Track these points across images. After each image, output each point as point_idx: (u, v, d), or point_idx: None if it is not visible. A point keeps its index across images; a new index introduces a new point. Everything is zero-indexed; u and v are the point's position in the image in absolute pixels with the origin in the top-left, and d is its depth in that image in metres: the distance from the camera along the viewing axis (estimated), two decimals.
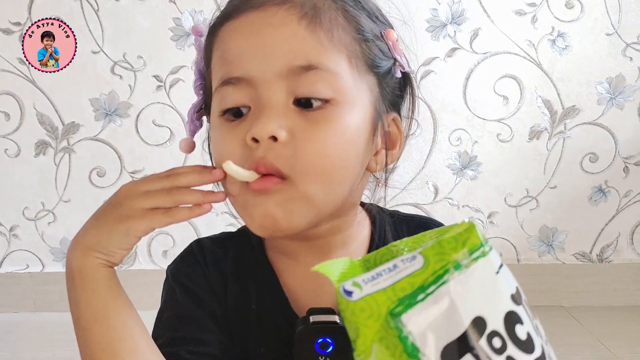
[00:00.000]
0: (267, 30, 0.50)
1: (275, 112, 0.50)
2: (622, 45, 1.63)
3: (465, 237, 0.38)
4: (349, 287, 0.37)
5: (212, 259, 0.63)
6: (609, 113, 1.67)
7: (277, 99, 0.50)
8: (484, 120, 1.68)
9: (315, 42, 0.50)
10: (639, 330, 1.61)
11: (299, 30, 0.50)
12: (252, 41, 0.51)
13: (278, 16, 0.50)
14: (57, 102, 1.66)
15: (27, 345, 1.58)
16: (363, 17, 0.54)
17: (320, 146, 0.50)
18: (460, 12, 1.61)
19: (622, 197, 1.72)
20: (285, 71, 0.50)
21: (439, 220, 1.77)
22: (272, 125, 0.49)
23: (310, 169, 0.50)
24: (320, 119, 0.50)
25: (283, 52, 0.50)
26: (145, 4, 1.61)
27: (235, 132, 0.51)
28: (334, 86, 0.50)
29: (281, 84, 0.50)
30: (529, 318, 0.38)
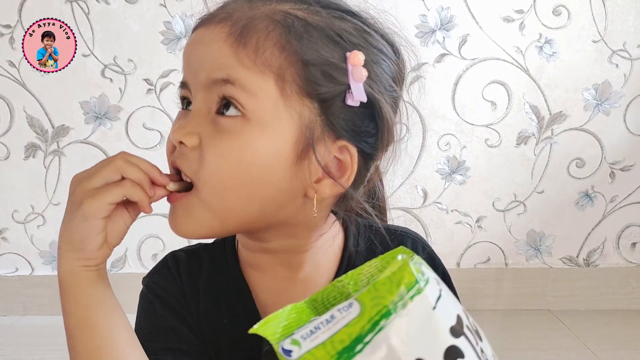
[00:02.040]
0: (200, 46, 0.54)
1: (194, 119, 0.54)
2: (608, 52, 1.65)
3: (399, 277, 0.37)
4: (287, 347, 0.37)
5: (187, 273, 0.64)
6: (595, 119, 1.68)
7: (199, 107, 0.54)
8: (472, 125, 1.69)
9: (235, 61, 0.51)
10: (625, 333, 1.62)
11: (223, 46, 0.52)
12: (191, 53, 0.55)
13: (214, 33, 0.53)
14: (47, 105, 1.66)
15: (17, 348, 1.57)
16: (316, 38, 0.52)
17: (220, 157, 0.52)
18: (449, 18, 1.62)
19: (609, 202, 1.74)
20: (208, 82, 0.53)
21: (427, 224, 1.78)
22: (182, 131, 0.53)
23: (209, 178, 0.52)
24: (227, 130, 0.52)
25: (208, 66, 0.53)
26: (136, 8, 1.61)
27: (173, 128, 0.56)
28: (247, 104, 0.51)
29: (205, 94, 0.54)
30: (472, 346, 0.37)
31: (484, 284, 1.77)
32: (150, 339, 0.59)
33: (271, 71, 0.51)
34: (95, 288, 0.52)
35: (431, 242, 1.74)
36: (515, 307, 1.77)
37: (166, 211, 1.80)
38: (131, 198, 0.52)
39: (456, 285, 1.92)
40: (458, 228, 1.76)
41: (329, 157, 0.54)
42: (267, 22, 0.52)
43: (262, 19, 0.52)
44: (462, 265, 1.77)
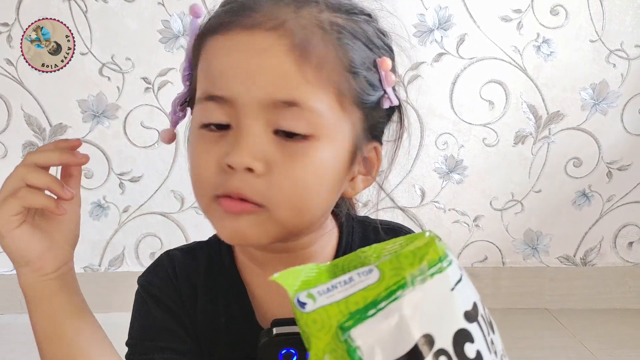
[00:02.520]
0: (254, 55, 0.49)
1: (253, 140, 0.49)
2: (605, 52, 1.66)
3: (424, 252, 0.37)
4: (303, 299, 0.37)
5: (182, 272, 0.63)
6: (592, 118, 1.70)
7: (256, 127, 0.50)
8: (470, 124, 1.70)
9: (300, 78, 0.49)
10: (621, 332, 1.63)
11: (286, 62, 0.49)
12: (238, 63, 0.49)
13: (267, 42, 0.49)
14: (45, 104, 1.66)
15: (14, 346, 1.57)
16: (358, 46, 0.52)
17: (296, 181, 0.50)
18: (447, 17, 1.63)
19: (606, 201, 1.75)
20: (268, 102, 0.49)
21: (425, 223, 1.79)
22: (249, 156, 0.49)
23: (284, 201, 0.51)
24: (297, 153, 0.50)
25: (267, 82, 0.49)
26: (134, 6, 1.61)
27: (213, 150, 0.51)
28: (314, 123, 0.50)
29: (261, 113, 0.49)
30: (483, 334, 0.38)
31: (482, 283, 1.78)
32: (144, 338, 0.60)
33: (332, 86, 0.50)
34: (57, 297, 0.52)
35: None
36: (512, 306, 1.78)
37: (163, 210, 1.79)
38: (33, 206, 0.51)
39: None
40: (455, 227, 1.77)
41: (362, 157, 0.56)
42: (321, 33, 0.50)
43: (315, 29, 0.50)
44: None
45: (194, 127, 0.53)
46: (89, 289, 1.94)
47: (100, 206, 1.72)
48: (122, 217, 1.73)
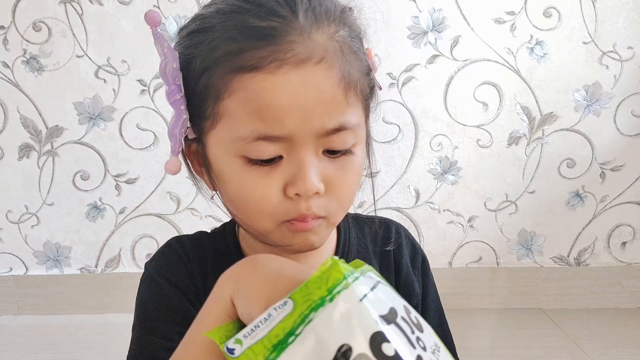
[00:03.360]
0: (310, 93, 0.50)
1: (314, 168, 0.52)
2: (598, 53, 1.66)
3: (328, 275, 0.39)
4: (231, 345, 0.39)
5: (194, 255, 0.64)
6: (585, 120, 1.70)
7: (311, 155, 0.52)
8: (464, 126, 1.70)
9: (347, 104, 0.52)
10: (615, 332, 1.64)
11: (337, 93, 0.51)
12: (295, 103, 0.50)
13: (318, 78, 0.50)
14: (41, 106, 1.66)
15: (10, 348, 1.57)
16: (360, 46, 0.55)
17: (348, 189, 0.56)
18: (441, 19, 1.64)
19: (599, 202, 1.76)
20: (322, 132, 0.52)
21: (420, 224, 1.79)
22: (316, 183, 0.52)
23: (340, 207, 0.56)
24: (345, 166, 0.55)
25: (322, 115, 0.51)
26: (130, 9, 1.62)
27: (270, 181, 0.53)
28: (356, 136, 0.54)
29: (315, 141, 0.52)
30: (404, 334, 0.39)
31: (476, 283, 1.78)
32: (162, 320, 0.59)
33: (362, 98, 0.55)
34: None
35: (423, 242, 1.76)
36: (507, 306, 1.78)
37: (161, 211, 1.80)
38: None
39: (448, 284, 1.94)
40: (450, 228, 1.77)
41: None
42: (348, 52, 0.53)
43: (347, 51, 0.52)
44: (454, 265, 1.78)
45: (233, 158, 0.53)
46: (85, 290, 1.95)
47: (97, 208, 1.72)
48: (119, 219, 1.73)
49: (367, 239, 0.68)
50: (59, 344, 1.59)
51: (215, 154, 0.55)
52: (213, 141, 0.54)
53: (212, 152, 0.55)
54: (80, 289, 1.74)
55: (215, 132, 0.54)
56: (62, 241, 1.74)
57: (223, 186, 0.56)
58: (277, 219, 0.54)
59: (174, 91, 0.54)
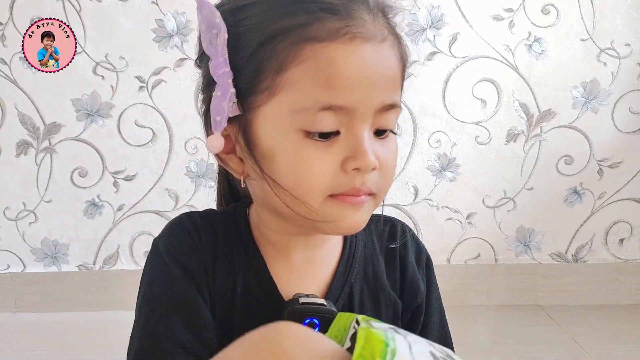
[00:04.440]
0: (379, 67, 0.52)
1: (370, 144, 0.54)
2: (596, 50, 1.67)
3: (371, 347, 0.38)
4: None
5: (205, 236, 0.62)
6: (583, 117, 1.70)
7: (367, 131, 0.54)
8: (462, 123, 1.71)
9: (399, 85, 0.56)
10: (612, 328, 1.65)
11: (398, 71, 0.55)
12: (365, 74, 0.52)
13: (386, 54, 0.53)
14: (39, 103, 1.66)
15: (8, 345, 1.57)
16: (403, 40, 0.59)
17: (393, 167, 0.58)
18: (439, 16, 1.64)
19: (597, 198, 1.76)
20: (380, 107, 0.53)
21: (418, 220, 1.79)
22: (374, 159, 0.53)
23: (386, 186, 0.58)
24: (389, 145, 0.57)
25: (384, 90, 0.53)
26: (128, 5, 1.61)
27: (327, 156, 0.53)
28: (398, 117, 0.57)
29: (372, 117, 0.54)
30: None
31: (474, 280, 1.79)
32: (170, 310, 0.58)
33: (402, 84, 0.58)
34: None
35: (422, 239, 1.76)
36: (505, 303, 1.79)
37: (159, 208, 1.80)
38: None
39: (447, 280, 1.94)
40: (448, 224, 1.77)
41: None
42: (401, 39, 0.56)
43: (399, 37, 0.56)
44: (452, 262, 1.79)
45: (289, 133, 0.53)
46: (84, 288, 1.95)
47: (95, 205, 1.72)
48: (117, 216, 1.73)
49: (373, 235, 0.69)
50: (57, 341, 1.59)
51: (266, 130, 0.55)
52: (266, 116, 0.54)
53: (262, 128, 0.55)
54: (78, 286, 1.74)
55: (269, 105, 0.54)
56: (60, 238, 1.74)
57: (270, 164, 0.55)
58: (326, 192, 0.54)
59: (221, 64, 0.54)
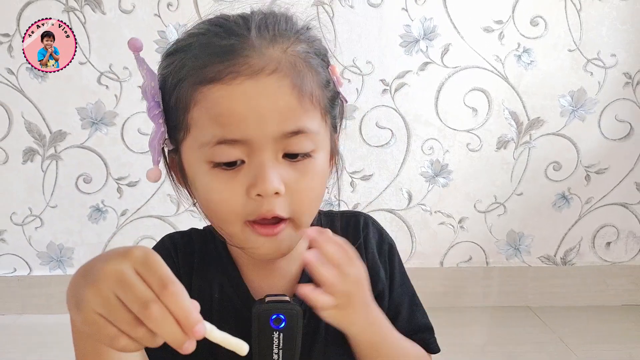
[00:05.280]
0: (263, 101, 0.55)
1: (273, 170, 0.57)
2: (583, 60, 1.71)
3: None
4: None
5: (182, 253, 0.70)
6: (571, 124, 1.74)
7: (271, 158, 0.57)
8: (454, 130, 1.74)
9: (302, 110, 0.57)
10: (599, 328, 1.69)
11: (290, 100, 0.56)
12: (249, 109, 0.55)
13: (272, 87, 0.55)
14: (45, 111, 1.70)
15: (14, 347, 1.60)
16: (319, 62, 0.60)
17: (310, 191, 0.60)
18: (431, 28, 1.68)
19: (584, 203, 1.80)
20: (279, 136, 0.56)
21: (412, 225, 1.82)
22: (275, 183, 0.56)
23: (304, 209, 0.60)
24: (306, 169, 0.59)
25: (277, 120, 0.56)
26: (131, 17, 1.65)
27: (233, 184, 0.58)
28: (314, 141, 0.59)
29: (273, 145, 0.57)
30: None
31: (467, 282, 1.83)
32: None
33: (319, 105, 0.60)
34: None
35: (415, 242, 1.81)
36: (496, 304, 1.82)
37: (161, 213, 1.86)
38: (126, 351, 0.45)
39: (440, 283, 1.97)
40: (441, 229, 1.81)
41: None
42: (304, 65, 0.58)
43: (300, 63, 0.58)
44: (445, 265, 1.83)
45: (202, 165, 0.58)
46: None
47: (99, 210, 1.76)
48: (120, 221, 1.77)
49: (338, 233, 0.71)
50: (61, 342, 1.58)
51: (188, 162, 0.61)
52: (186, 150, 0.60)
53: (186, 161, 0.61)
54: None
55: (186, 141, 0.60)
56: (65, 242, 1.78)
57: (195, 192, 0.62)
58: (240, 218, 0.59)
59: (153, 107, 0.59)
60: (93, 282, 0.44)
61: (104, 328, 0.43)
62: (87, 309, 0.43)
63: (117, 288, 0.43)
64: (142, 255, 0.45)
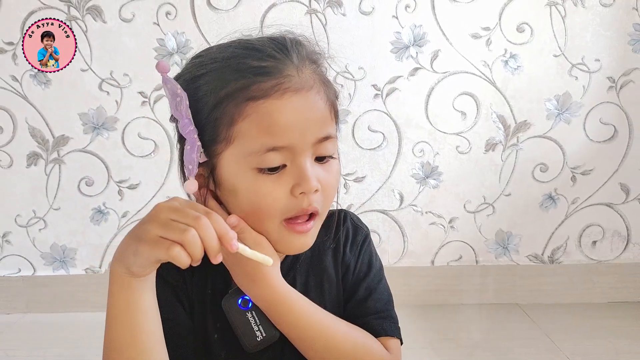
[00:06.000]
0: (308, 112, 0.65)
1: (312, 171, 0.66)
2: (568, 65, 1.74)
3: None
4: None
5: None
6: (557, 127, 1.77)
7: (309, 161, 0.66)
8: (444, 133, 1.77)
9: (330, 119, 0.68)
10: (585, 325, 1.71)
11: (325, 112, 0.67)
12: (296, 119, 0.64)
13: (313, 100, 0.66)
14: (48, 117, 1.72)
15: (20, 344, 1.63)
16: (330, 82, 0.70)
17: (333, 187, 0.70)
18: (421, 35, 1.71)
19: (570, 203, 1.83)
20: (315, 141, 0.66)
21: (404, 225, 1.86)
22: (315, 182, 0.65)
23: (328, 204, 0.70)
24: (330, 169, 0.69)
25: (315, 128, 0.65)
26: (131, 26, 1.68)
27: (279, 185, 0.65)
28: (334, 145, 0.69)
29: (310, 149, 0.66)
30: None
31: (457, 281, 1.86)
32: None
33: (335, 115, 0.70)
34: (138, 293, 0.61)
35: (407, 242, 1.85)
36: (485, 302, 1.85)
37: None
38: (177, 263, 0.56)
39: (431, 281, 2.01)
40: (432, 229, 1.84)
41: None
42: (327, 82, 0.69)
43: (324, 80, 0.68)
44: (436, 263, 1.86)
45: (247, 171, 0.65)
46: (91, 289, 2.02)
47: (101, 212, 1.79)
48: (121, 222, 1.80)
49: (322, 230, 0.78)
50: (65, 339, 1.64)
51: (228, 170, 0.67)
52: (226, 160, 0.66)
53: (225, 169, 0.67)
54: (85, 288, 1.79)
55: (227, 152, 0.66)
56: (68, 243, 1.80)
57: (234, 198, 0.67)
58: (280, 216, 0.66)
59: (187, 124, 0.65)
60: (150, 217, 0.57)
61: (162, 242, 0.56)
62: (149, 234, 0.56)
63: (172, 213, 0.57)
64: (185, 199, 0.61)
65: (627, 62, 1.75)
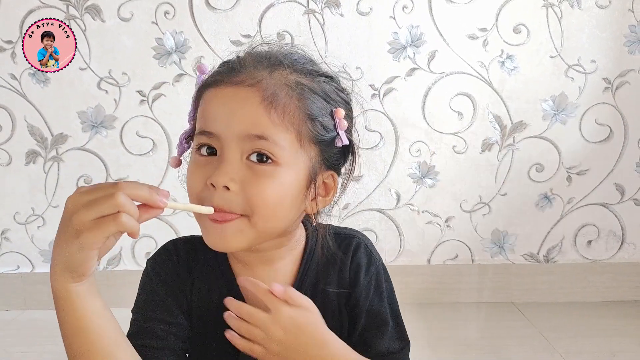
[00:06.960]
0: (235, 102, 0.65)
1: (231, 166, 0.64)
2: (564, 66, 1.75)
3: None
4: None
5: (184, 259, 0.77)
6: (553, 128, 1.78)
7: (234, 155, 0.65)
8: (441, 133, 1.78)
9: (268, 121, 0.64)
10: (580, 324, 1.73)
11: (258, 109, 0.64)
12: (224, 108, 0.65)
13: (245, 94, 0.65)
14: (47, 115, 1.73)
15: (18, 340, 1.64)
16: (316, 99, 0.68)
17: (264, 195, 0.65)
18: (418, 35, 1.72)
19: (566, 203, 1.84)
20: (243, 135, 0.64)
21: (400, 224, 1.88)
22: (226, 177, 0.64)
23: (258, 210, 0.65)
24: (265, 174, 0.65)
25: (244, 121, 0.64)
26: (130, 25, 1.69)
27: (201, 171, 0.66)
28: (277, 154, 0.65)
29: (239, 144, 0.65)
30: None
31: (453, 279, 1.87)
32: (146, 308, 0.74)
33: (293, 128, 0.66)
34: (85, 299, 0.59)
35: (404, 241, 1.86)
36: (481, 300, 1.86)
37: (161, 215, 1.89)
38: (124, 230, 0.55)
39: (427, 280, 2.03)
40: (428, 228, 1.85)
41: (320, 182, 0.71)
42: (287, 89, 0.66)
43: (283, 87, 0.66)
44: (432, 262, 1.87)
45: (192, 151, 0.70)
46: None
47: None
48: None
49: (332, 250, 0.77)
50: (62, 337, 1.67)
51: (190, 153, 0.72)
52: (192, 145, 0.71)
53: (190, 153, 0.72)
54: None
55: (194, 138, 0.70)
56: None
57: None
58: (198, 202, 0.66)
59: (191, 111, 0.72)
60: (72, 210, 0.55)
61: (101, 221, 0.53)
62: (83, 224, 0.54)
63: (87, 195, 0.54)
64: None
65: (623, 64, 1.75)
